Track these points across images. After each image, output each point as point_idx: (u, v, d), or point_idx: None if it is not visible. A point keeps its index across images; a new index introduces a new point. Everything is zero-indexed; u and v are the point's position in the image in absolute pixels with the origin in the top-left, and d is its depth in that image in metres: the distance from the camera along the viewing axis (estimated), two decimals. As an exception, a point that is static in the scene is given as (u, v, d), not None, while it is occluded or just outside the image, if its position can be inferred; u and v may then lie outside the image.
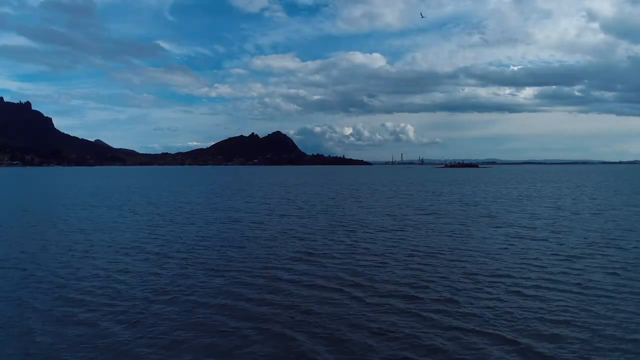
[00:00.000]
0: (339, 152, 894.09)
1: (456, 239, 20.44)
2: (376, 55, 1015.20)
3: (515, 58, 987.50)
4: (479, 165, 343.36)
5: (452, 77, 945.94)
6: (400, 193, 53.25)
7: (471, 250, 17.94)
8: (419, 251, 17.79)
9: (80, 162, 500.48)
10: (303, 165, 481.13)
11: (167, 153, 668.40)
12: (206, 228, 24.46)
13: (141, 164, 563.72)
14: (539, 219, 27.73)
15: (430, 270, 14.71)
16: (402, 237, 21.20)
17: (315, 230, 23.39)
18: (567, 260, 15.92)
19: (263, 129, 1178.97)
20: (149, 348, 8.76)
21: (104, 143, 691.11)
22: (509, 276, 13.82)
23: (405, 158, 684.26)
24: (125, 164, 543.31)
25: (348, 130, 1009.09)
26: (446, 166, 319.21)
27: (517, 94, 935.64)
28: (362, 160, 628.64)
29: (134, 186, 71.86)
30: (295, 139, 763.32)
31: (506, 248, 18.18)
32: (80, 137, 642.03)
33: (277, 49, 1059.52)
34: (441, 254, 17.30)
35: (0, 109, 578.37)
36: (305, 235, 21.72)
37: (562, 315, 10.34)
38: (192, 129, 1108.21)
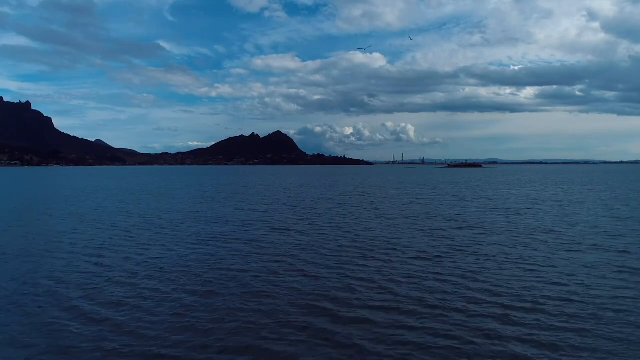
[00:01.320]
0: (339, 152, 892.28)
1: (539, 274, 14.00)
2: (376, 55, 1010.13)
3: (516, 58, 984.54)
4: (483, 165, 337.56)
5: (453, 76, 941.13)
6: (418, 197, 46.81)
7: (588, 300, 11.51)
8: (496, 299, 11.37)
9: (79, 162, 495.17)
10: (304, 165, 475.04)
11: (167, 153, 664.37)
12: (173, 252, 18.03)
13: (141, 164, 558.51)
14: (618, 236, 21.26)
15: (538, 348, 8.31)
16: (457, 269, 14.77)
17: (329, 257, 16.98)
18: None
19: (263, 129, 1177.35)
20: None
21: (104, 143, 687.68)
22: None
23: (406, 158, 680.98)
24: (125, 164, 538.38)
25: (348, 130, 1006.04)
26: (449, 166, 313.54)
27: (517, 93, 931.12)
28: (363, 160, 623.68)
29: (120, 188, 65.47)
30: (296, 138, 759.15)
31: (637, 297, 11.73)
32: (80, 137, 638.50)
33: (277, 49, 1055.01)
34: (537, 304, 10.91)
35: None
36: (317, 268, 15.30)
37: None
38: (193, 129, 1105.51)
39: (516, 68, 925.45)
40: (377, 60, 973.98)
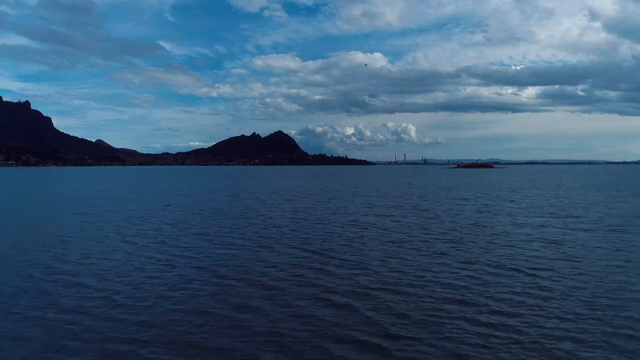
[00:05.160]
0: (340, 152, 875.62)
1: None
2: (377, 54, 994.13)
3: (517, 57, 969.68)
4: (494, 166, 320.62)
5: (454, 76, 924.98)
6: (515, 220, 28.87)
7: None
8: None
9: (78, 162, 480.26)
10: (305, 166, 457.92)
11: (168, 153, 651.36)
12: None
13: (140, 164, 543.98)
14: None
15: None
16: None
17: None
18: None
19: (264, 129, 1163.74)
20: None
21: (105, 143, 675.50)
22: None
23: (408, 158, 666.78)
24: (124, 164, 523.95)
25: (350, 130, 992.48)
26: (459, 166, 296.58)
27: (519, 93, 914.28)
28: (365, 161, 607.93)
29: (59, 195, 47.40)
30: (297, 138, 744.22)
31: None
32: (80, 137, 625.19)
33: (278, 48, 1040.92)
34: None
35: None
36: None
37: None
38: (194, 129, 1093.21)
39: (518, 68, 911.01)
40: (377, 60, 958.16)
